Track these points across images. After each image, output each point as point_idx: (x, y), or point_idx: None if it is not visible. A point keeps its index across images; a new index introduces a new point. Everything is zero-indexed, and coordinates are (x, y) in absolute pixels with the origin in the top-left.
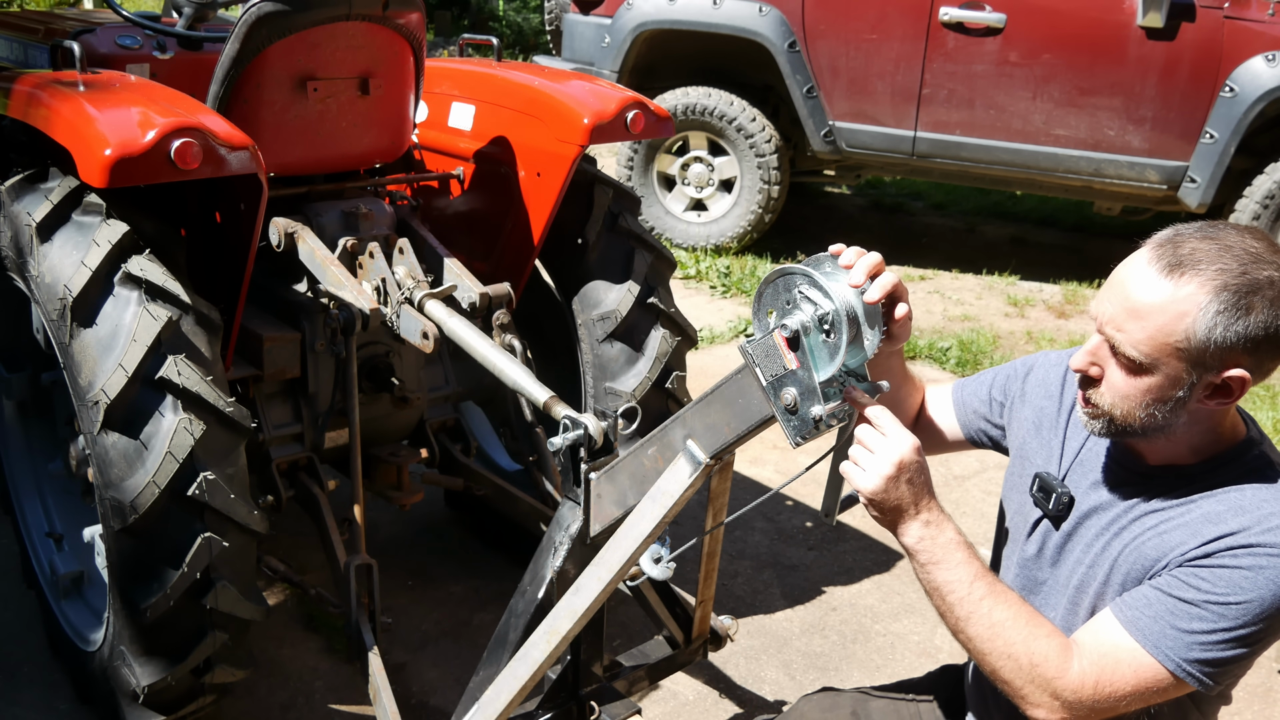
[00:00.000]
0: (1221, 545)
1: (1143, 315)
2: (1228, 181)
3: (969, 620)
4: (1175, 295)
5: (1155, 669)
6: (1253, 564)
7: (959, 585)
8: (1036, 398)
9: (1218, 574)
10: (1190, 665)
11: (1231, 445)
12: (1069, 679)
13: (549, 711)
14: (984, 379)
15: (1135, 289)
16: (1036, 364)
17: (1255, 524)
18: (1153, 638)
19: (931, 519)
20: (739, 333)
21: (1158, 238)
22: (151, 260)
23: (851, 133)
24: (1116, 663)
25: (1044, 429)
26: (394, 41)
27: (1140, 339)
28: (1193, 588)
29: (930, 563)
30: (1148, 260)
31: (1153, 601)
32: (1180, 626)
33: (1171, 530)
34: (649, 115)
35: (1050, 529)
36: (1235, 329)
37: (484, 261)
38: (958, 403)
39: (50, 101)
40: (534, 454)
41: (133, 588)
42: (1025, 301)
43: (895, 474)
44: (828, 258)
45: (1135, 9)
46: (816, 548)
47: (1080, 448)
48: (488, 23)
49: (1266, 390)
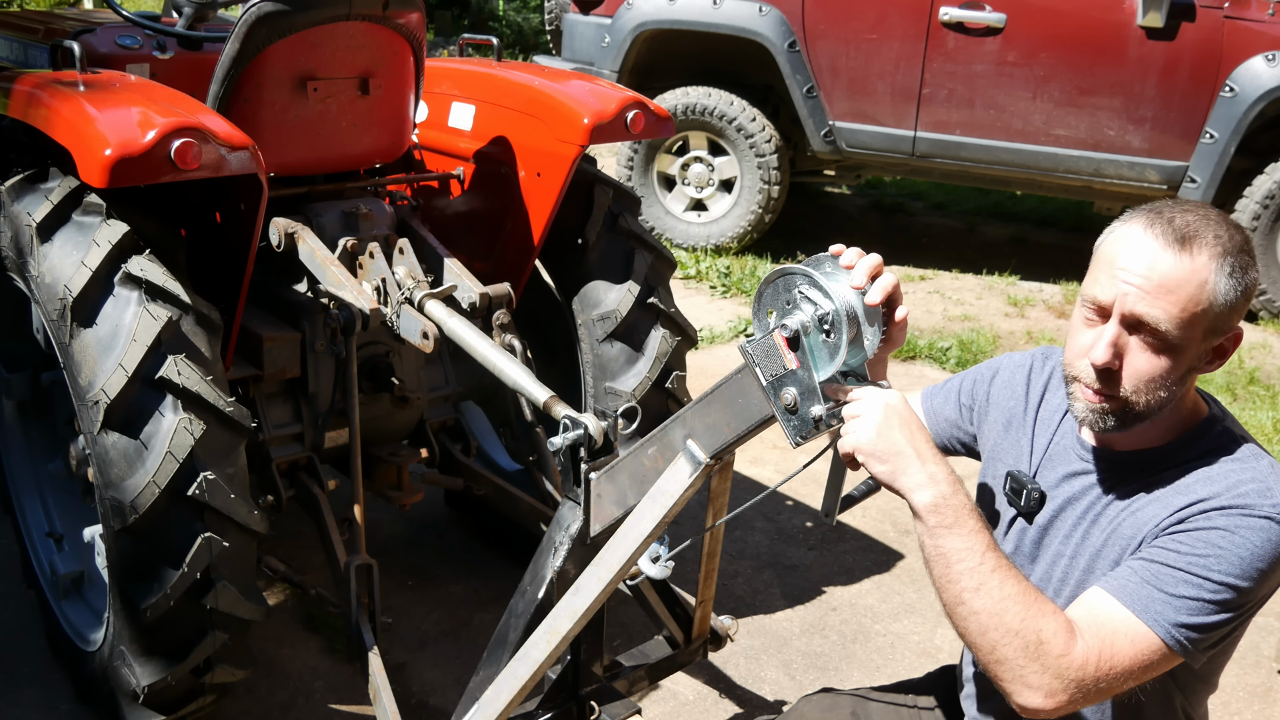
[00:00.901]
0: (1194, 510)
1: (1172, 289)
2: (1228, 181)
3: (978, 591)
4: (1194, 265)
5: (1150, 638)
6: (1226, 524)
7: (971, 554)
8: (1003, 399)
9: (1194, 535)
10: (1177, 630)
11: (1196, 423)
12: (1073, 657)
13: (549, 711)
14: (952, 386)
15: (1158, 264)
16: (1001, 367)
17: (1225, 490)
18: (1142, 602)
19: (939, 475)
20: (739, 333)
21: (1142, 217)
22: (151, 260)
23: (851, 133)
24: (1114, 634)
25: (1012, 428)
26: (394, 41)
27: (1175, 313)
28: (1172, 552)
29: (941, 527)
30: (1153, 236)
31: (1137, 570)
32: (1166, 590)
33: (1144, 507)
34: (649, 115)
35: (1025, 526)
36: (1239, 289)
37: (484, 261)
38: (929, 412)
39: (50, 101)
40: (534, 454)
41: (133, 588)
42: (1025, 301)
43: (885, 417)
44: (828, 258)
45: (1135, 9)
46: (816, 548)
47: (1049, 443)
48: (488, 23)
49: (1267, 390)
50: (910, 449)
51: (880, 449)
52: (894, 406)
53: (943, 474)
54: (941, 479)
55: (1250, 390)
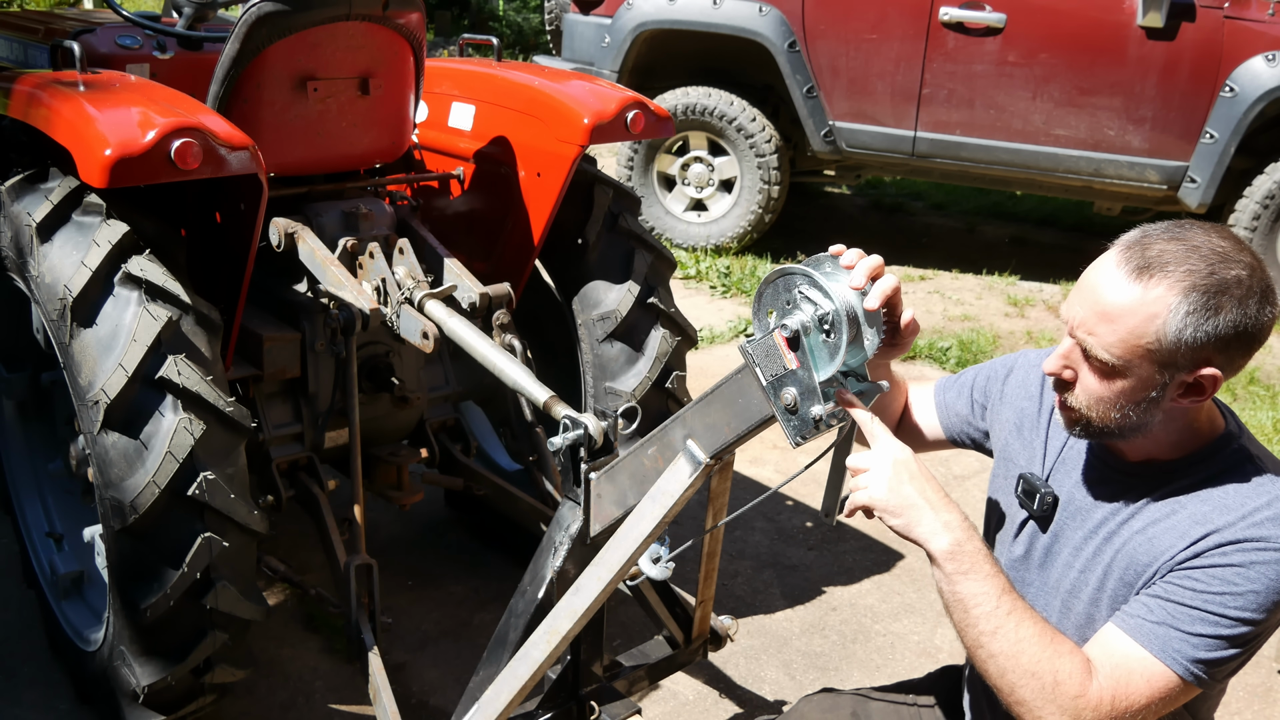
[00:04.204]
0: (1209, 544)
1: (1113, 318)
2: (1228, 181)
3: (995, 635)
4: (1145, 298)
5: (1166, 675)
6: (1243, 559)
7: (987, 598)
8: (1017, 399)
9: (1210, 573)
10: (1196, 667)
11: (1210, 440)
12: (1089, 697)
13: (549, 711)
14: (965, 381)
15: (1105, 292)
16: (1016, 365)
17: (1239, 519)
18: (1159, 642)
19: (954, 523)
20: (739, 333)
21: (1125, 240)
22: (151, 260)
23: (851, 133)
24: (1129, 673)
25: (1025, 429)
26: (394, 41)
27: (1111, 342)
28: (1188, 590)
29: (958, 573)
30: (1116, 263)
31: (1153, 609)
32: (1183, 629)
33: (1160, 535)
34: (649, 115)
35: (1037, 530)
36: (1205, 329)
37: (484, 261)
38: (940, 404)
39: (50, 101)
40: (534, 454)
41: (133, 588)
42: (1025, 301)
43: (894, 473)
44: (828, 258)
45: (1135, 9)
46: (816, 548)
47: (1062, 447)
48: (488, 23)
49: (1267, 390)
50: (922, 500)
51: (893, 504)
52: (902, 461)
53: (956, 520)
54: (956, 525)
55: (1250, 390)
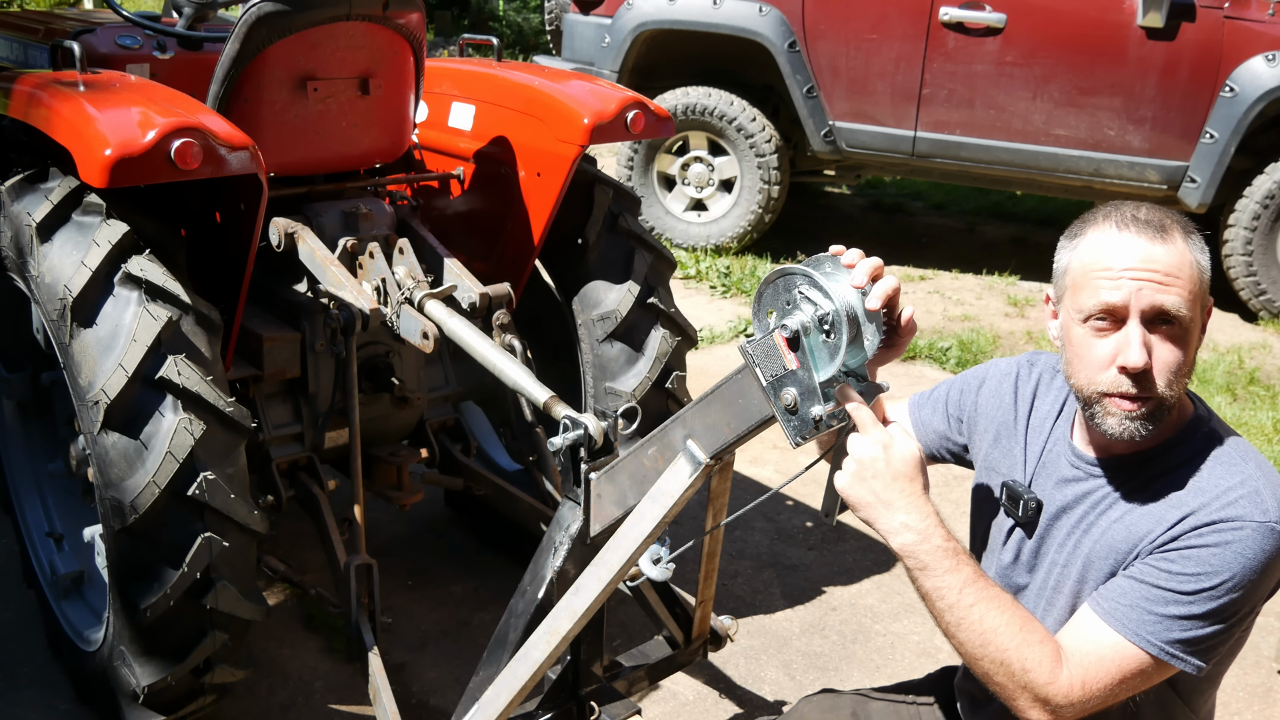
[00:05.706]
0: (1186, 526)
1: (1177, 273)
2: (1228, 181)
3: (959, 627)
4: (1180, 249)
5: (1138, 656)
6: (1218, 540)
7: (947, 592)
8: (991, 409)
9: (1187, 555)
10: (1173, 647)
11: (1183, 424)
12: (1058, 685)
13: (549, 711)
14: (939, 397)
15: (1156, 255)
16: (988, 376)
17: (1213, 499)
18: (1132, 626)
19: (913, 523)
20: (739, 333)
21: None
22: (151, 260)
23: (851, 133)
24: (1100, 659)
25: (1003, 438)
26: (394, 41)
27: (1186, 295)
28: (1165, 572)
29: (916, 569)
30: (1135, 234)
31: (1128, 591)
32: (1158, 612)
33: (1137, 521)
34: (649, 115)
35: (1024, 536)
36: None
37: (484, 261)
38: (916, 423)
39: (50, 101)
40: (534, 454)
41: (133, 588)
42: (1025, 301)
43: (857, 471)
44: (828, 258)
45: (1135, 9)
46: (816, 548)
47: (1041, 451)
48: (488, 23)
49: (1267, 390)
50: (877, 500)
51: (853, 499)
52: (865, 459)
53: (916, 519)
54: (914, 525)
55: (1250, 390)
